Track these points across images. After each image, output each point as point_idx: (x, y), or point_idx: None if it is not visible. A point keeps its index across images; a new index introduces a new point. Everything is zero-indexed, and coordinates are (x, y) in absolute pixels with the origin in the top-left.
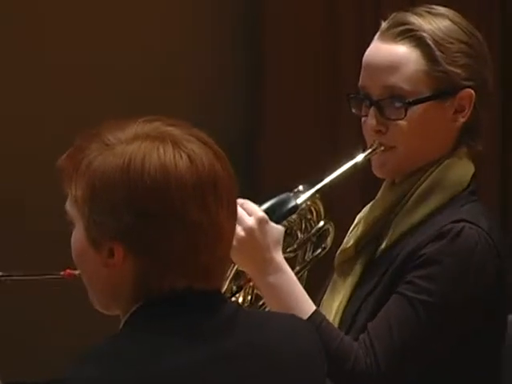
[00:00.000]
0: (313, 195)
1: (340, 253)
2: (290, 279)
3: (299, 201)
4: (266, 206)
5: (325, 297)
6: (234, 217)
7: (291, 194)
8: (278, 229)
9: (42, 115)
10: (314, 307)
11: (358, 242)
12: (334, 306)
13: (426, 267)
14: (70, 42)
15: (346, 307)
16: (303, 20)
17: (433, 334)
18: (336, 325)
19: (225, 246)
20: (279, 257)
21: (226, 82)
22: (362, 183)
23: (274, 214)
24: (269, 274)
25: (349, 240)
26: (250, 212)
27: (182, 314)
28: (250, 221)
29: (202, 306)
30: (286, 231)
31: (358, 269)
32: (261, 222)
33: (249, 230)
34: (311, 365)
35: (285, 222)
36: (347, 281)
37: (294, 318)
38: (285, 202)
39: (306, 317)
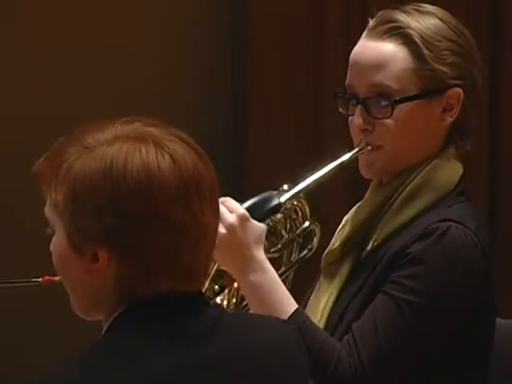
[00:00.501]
0: (297, 194)
1: (326, 254)
2: (272, 278)
3: (283, 199)
4: (248, 203)
5: (311, 298)
6: (217, 216)
7: (275, 193)
8: (259, 226)
9: (35, 115)
10: (296, 306)
11: (345, 243)
12: (319, 308)
13: (411, 266)
14: (60, 42)
15: (332, 308)
16: (289, 19)
17: (419, 333)
18: (322, 326)
19: (208, 245)
20: (261, 255)
21: (212, 83)
22: (348, 184)
23: (256, 212)
24: (250, 272)
25: (335, 241)
26: (231, 209)
27: (166, 317)
28: (231, 218)
29: (185, 309)
30: (269, 230)
31: (344, 270)
32: (242, 219)
33: (230, 228)
34: (295, 368)
35: (269, 222)
36: (334, 282)
37: (278, 322)
38: (268, 200)
39: (287, 316)
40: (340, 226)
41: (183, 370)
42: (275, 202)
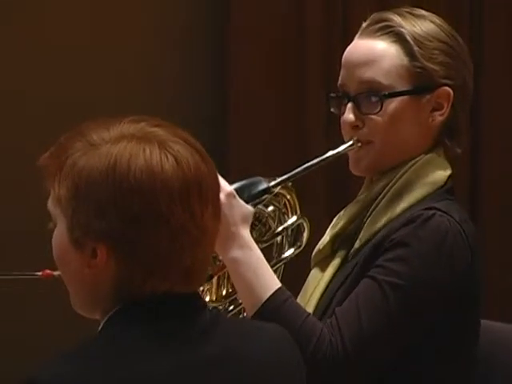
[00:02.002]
0: (285, 180)
1: (316, 253)
2: (256, 255)
3: (271, 183)
4: (236, 185)
5: (300, 293)
6: (217, 217)
7: (263, 179)
8: (246, 207)
9: (34, 115)
10: (279, 285)
11: (334, 240)
12: (307, 296)
13: (395, 250)
14: (60, 42)
15: (319, 299)
16: (270, 12)
17: (401, 315)
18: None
19: (207, 248)
20: (246, 233)
21: (192, 78)
22: (330, 184)
23: (244, 194)
24: (235, 249)
25: (325, 239)
26: None
27: (159, 319)
28: None
29: (180, 311)
30: (259, 219)
31: (334, 265)
32: (228, 196)
33: None
34: (289, 375)
35: (259, 211)
36: (323, 276)
37: (275, 327)
38: (256, 183)
39: (270, 293)
40: (332, 224)
41: (169, 372)
42: (263, 185)
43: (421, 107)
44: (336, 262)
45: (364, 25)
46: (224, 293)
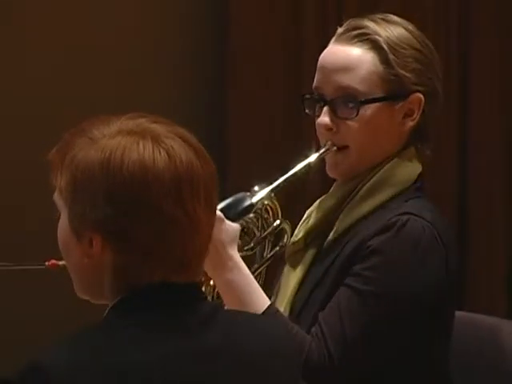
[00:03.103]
0: (268, 194)
1: (290, 245)
2: (245, 276)
3: (254, 200)
4: (222, 205)
5: (277, 286)
6: (212, 212)
7: (247, 194)
8: (233, 227)
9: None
10: (268, 302)
11: (308, 234)
12: (286, 294)
13: (371, 258)
14: (59, 42)
15: (295, 295)
16: (268, 14)
17: (381, 322)
18: (287, 312)
19: (201, 239)
20: (235, 254)
21: (192, 77)
22: (318, 183)
23: (229, 212)
24: (225, 271)
25: (298, 233)
26: None
27: (157, 308)
28: None
29: (178, 301)
30: (243, 230)
31: (307, 259)
32: (217, 220)
33: None
34: (285, 366)
35: (243, 222)
36: (297, 270)
37: (272, 320)
38: (240, 201)
39: (261, 311)
40: (304, 218)
41: (165, 360)
42: (247, 202)
43: (394, 113)
44: (309, 256)
45: (340, 30)
46: (210, 298)
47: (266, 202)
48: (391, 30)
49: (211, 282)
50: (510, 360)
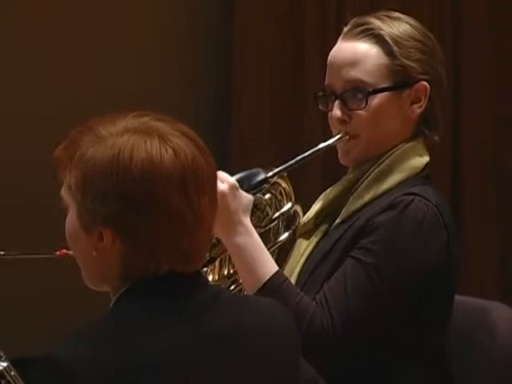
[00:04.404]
0: (281, 171)
1: (302, 225)
2: (256, 241)
3: (269, 174)
4: (237, 176)
5: (292, 258)
6: (214, 205)
7: (261, 170)
8: (247, 197)
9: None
10: (276, 268)
11: (318, 215)
12: (294, 263)
13: (376, 233)
14: (59, 41)
15: (303, 265)
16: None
17: (384, 294)
18: (294, 280)
19: (205, 232)
20: (247, 221)
21: (198, 77)
22: (325, 172)
23: (244, 184)
24: (236, 235)
25: (310, 214)
26: (222, 179)
27: (165, 296)
28: (223, 186)
29: (183, 288)
30: (257, 206)
31: (316, 236)
32: (232, 187)
33: (221, 194)
34: (285, 345)
35: (257, 197)
36: (306, 245)
37: (271, 301)
38: (255, 174)
39: (268, 275)
40: (316, 201)
41: (178, 346)
42: (262, 176)
43: (401, 101)
44: (319, 234)
45: (346, 29)
46: (226, 273)
47: (282, 185)
48: (394, 24)
49: (226, 255)
50: (501, 342)
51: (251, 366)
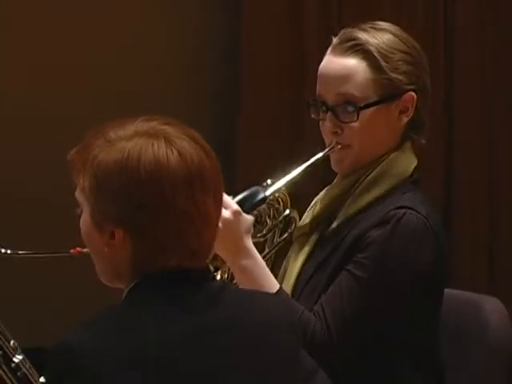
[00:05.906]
0: (279, 188)
1: (298, 228)
2: (258, 262)
3: (267, 193)
4: (238, 198)
5: (285, 264)
6: (219, 205)
7: (260, 188)
8: (249, 219)
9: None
10: (277, 286)
11: (313, 220)
12: (291, 271)
13: (370, 249)
14: (60, 39)
15: (299, 274)
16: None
17: (377, 307)
18: (290, 289)
19: (211, 230)
20: (249, 244)
21: (204, 69)
22: (322, 178)
23: (245, 205)
24: (241, 259)
25: (305, 218)
26: (225, 205)
27: (173, 289)
28: (227, 213)
29: (190, 282)
30: (256, 219)
31: (311, 242)
32: (235, 214)
33: (225, 222)
34: (283, 339)
35: (256, 212)
36: (302, 251)
37: (274, 298)
38: (255, 194)
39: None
40: (311, 205)
41: (185, 337)
42: (261, 195)
43: (390, 112)
44: (312, 240)
45: (335, 42)
46: (226, 276)
47: (276, 194)
48: (380, 37)
49: (226, 267)
50: (492, 336)
51: (251, 358)
